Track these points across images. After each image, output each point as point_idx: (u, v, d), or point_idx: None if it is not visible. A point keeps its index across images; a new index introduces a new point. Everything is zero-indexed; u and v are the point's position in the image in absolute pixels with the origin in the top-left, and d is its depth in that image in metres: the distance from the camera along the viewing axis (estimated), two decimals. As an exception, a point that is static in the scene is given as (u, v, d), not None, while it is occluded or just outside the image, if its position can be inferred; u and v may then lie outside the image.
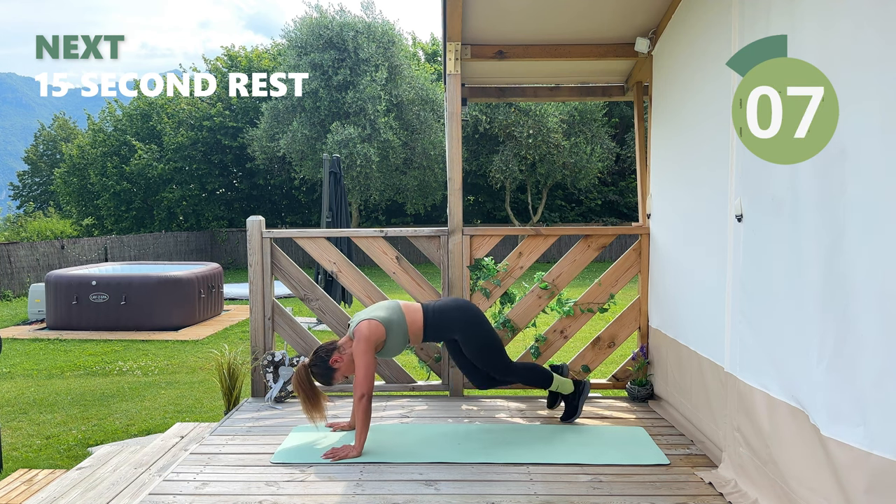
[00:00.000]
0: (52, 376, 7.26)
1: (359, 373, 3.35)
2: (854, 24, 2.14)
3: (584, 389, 3.90)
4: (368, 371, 3.36)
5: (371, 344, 3.41)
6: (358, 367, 3.37)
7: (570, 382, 3.89)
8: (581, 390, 3.89)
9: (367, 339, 3.39)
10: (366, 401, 3.33)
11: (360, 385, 3.33)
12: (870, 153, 2.08)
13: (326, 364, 3.47)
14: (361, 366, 3.36)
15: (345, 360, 3.48)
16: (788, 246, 2.55)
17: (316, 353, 3.52)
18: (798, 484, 2.48)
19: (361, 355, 3.37)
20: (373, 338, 3.42)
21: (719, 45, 3.20)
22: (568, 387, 3.88)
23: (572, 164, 20.85)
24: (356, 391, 3.34)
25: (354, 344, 3.42)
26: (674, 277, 3.99)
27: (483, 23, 4.25)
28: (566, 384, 3.88)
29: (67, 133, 36.19)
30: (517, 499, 2.85)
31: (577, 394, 3.89)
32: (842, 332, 2.19)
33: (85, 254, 17.24)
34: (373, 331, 3.43)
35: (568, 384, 3.88)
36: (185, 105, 25.30)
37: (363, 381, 3.33)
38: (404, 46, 22.33)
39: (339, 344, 3.53)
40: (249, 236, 4.43)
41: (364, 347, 3.38)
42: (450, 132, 4.33)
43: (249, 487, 2.99)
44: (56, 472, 4.05)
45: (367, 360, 3.37)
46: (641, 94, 4.90)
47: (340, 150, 18.86)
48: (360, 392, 3.32)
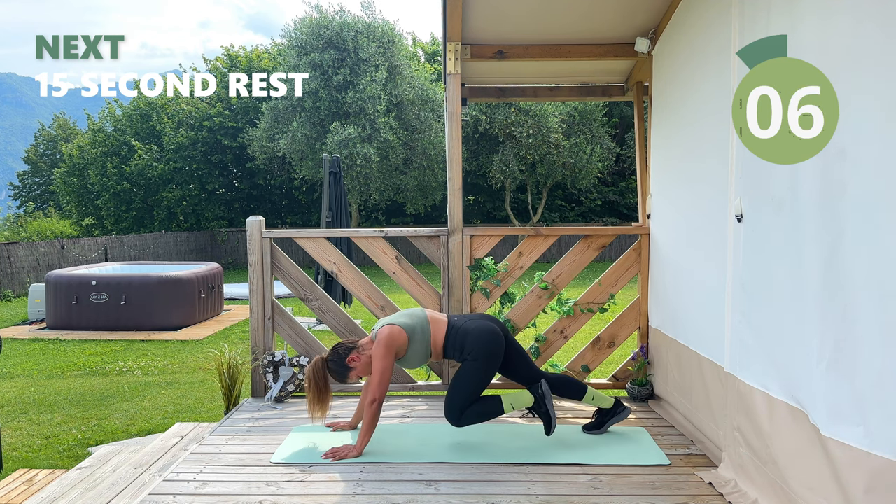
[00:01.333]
0: (52, 376, 7.26)
1: (374, 377, 3.32)
2: (854, 24, 2.14)
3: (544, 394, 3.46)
4: (384, 376, 3.31)
5: (391, 349, 3.36)
6: (374, 371, 3.33)
7: (526, 396, 3.51)
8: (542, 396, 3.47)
9: (387, 344, 3.34)
10: (376, 406, 3.30)
11: (373, 389, 3.30)
12: (870, 153, 2.08)
13: (343, 361, 3.43)
14: (378, 370, 3.32)
15: (362, 360, 3.43)
16: (788, 246, 2.55)
17: (335, 349, 3.47)
18: (798, 484, 2.48)
19: (380, 359, 3.33)
20: (394, 343, 3.36)
21: (719, 45, 3.20)
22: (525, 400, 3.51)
23: (572, 164, 20.84)
24: (368, 395, 3.32)
25: (375, 347, 3.37)
26: (674, 277, 3.99)
27: (483, 23, 4.25)
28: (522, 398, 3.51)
29: (67, 133, 36.18)
30: (517, 499, 2.85)
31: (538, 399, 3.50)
32: (842, 332, 2.19)
33: (85, 254, 17.24)
34: (395, 336, 3.37)
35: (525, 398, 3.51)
36: (185, 105, 25.29)
37: (377, 386, 3.30)
38: (404, 46, 22.32)
39: (360, 343, 3.48)
40: (249, 236, 4.43)
41: (383, 352, 3.33)
42: (450, 132, 4.33)
43: (249, 487, 2.99)
44: (56, 472, 4.05)
45: (385, 364, 3.32)
46: (641, 94, 4.90)
47: (340, 150, 18.86)
48: (372, 397, 3.29)
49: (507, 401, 3.49)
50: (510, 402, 3.49)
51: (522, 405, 3.51)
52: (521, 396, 3.52)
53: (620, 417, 3.67)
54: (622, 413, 3.67)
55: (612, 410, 3.66)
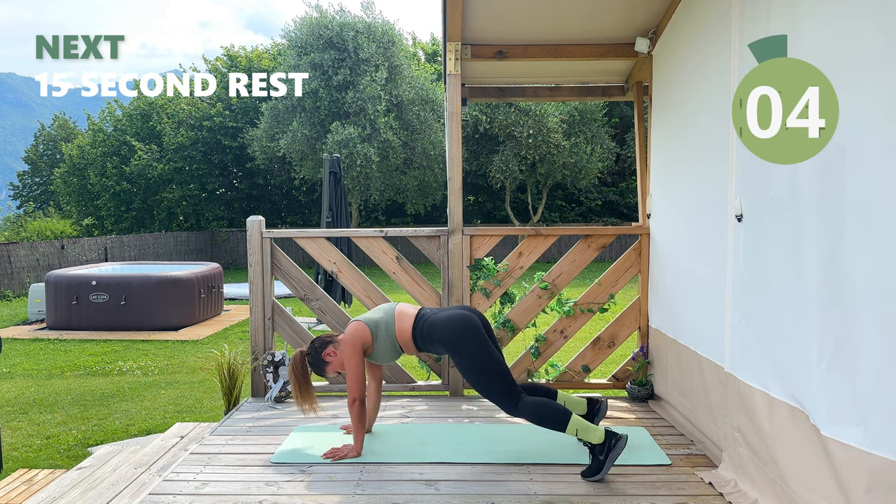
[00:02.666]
0: (52, 376, 7.26)
1: (348, 376, 3.31)
2: (854, 24, 2.14)
3: (616, 445, 2.99)
4: (357, 373, 3.30)
5: (357, 347, 3.33)
6: (347, 371, 3.33)
7: (598, 430, 3.03)
8: (613, 445, 2.99)
9: (351, 342, 3.33)
10: (358, 405, 3.30)
11: (350, 389, 3.30)
12: (870, 153, 2.08)
13: (319, 356, 3.44)
14: (349, 368, 3.31)
15: (338, 356, 3.42)
16: (788, 246, 2.55)
17: (313, 343, 3.49)
18: (798, 484, 2.48)
19: (348, 357, 3.32)
20: (357, 341, 3.34)
21: (719, 45, 3.20)
22: (595, 435, 3.02)
23: (572, 164, 20.84)
24: (348, 395, 3.32)
25: (342, 346, 3.37)
26: (674, 277, 3.99)
27: (483, 23, 4.25)
28: (592, 431, 3.02)
29: (67, 133, 36.19)
30: (517, 499, 2.85)
31: (605, 447, 3.00)
32: (842, 332, 2.19)
33: (85, 254, 17.24)
34: (358, 333, 3.35)
35: (596, 432, 3.02)
36: (185, 105, 25.28)
37: (352, 385, 3.29)
38: (404, 46, 22.32)
39: (338, 339, 3.48)
40: (249, 236, 4.43)
41: (350, 350, 3.32)
42: (450, 132, 4.33)
43: (249, 487, 2.99)
44: (56, 472, 4.05)
45: (353, 362, 3.31)
46: (641, 94, 4.90)
47: (340, 150, 18.86)
48: (352, 396, 3.30)
49: (573, 426, 3.05)
50: (576, 427, 3.04)
51: (587, 438, 3.04)
52: (590, 430, 3.04)
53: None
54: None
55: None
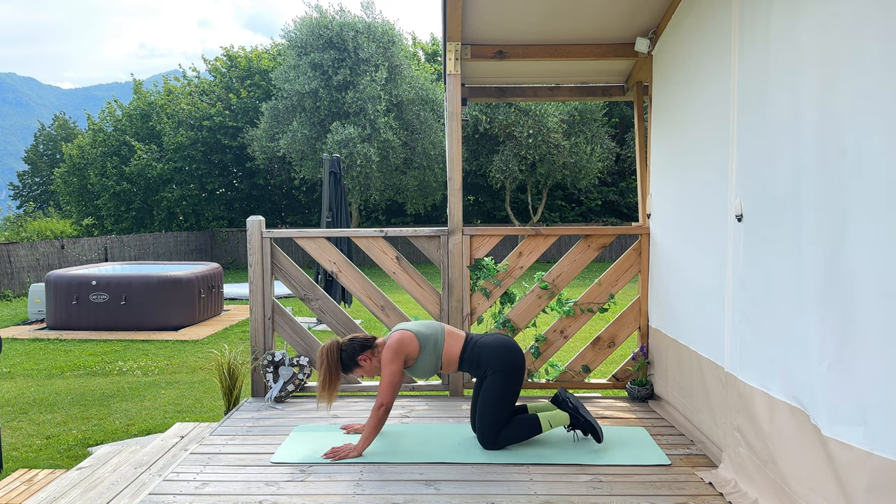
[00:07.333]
0: (52, 376, 7.25)
1: (383, 381, 3.32)
2: (854, 25, 2.14)
3: (568, 397, 3.50)
4: (393, 381, 3.32)
5: (400, 355, 3.35)
6: (383, 376, 3.33)
7: (562, 415, 3.47)
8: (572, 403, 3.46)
9: (396, 350, 3.34)
10: (383, 411, 3.31)
11: (382, 394, 3.31)
12: (870, 153, 2.08)
13: (355, 357, 3.43)
14: (386, 374, 3.32)
15: (372, 363, 3.44)
16: (788, 246, 2.55)
17: (353, 341, 3.46)
18: (798, 484, 2.48)
19: (388, 364, 3.33)
20: (403, 349, 3.36)
21: (719, 45, 3.20)
22: (562, 419, 3.47)
23: (572, 164, 20.84)
24: (377, 398, 3.33)
25: (384, 350, 3.38)
26: (674, 277, 3.99)
27: (483, 23, 4.25)
28: (560, 416, 3.46)
29: (67, 133, 36.20)
30: (517, 499, 2.85)
31: (575, 416, 3.44)
32: (842, 332, 2.19)
33: (85, 254, 17.24)
34: (406, 342, 3.37)
35: (561, 416, 3.47)
36: (184, 105, 25.28)
37: (386, 391, 3.31)
38: (404, 46, 22.31)
39: (377, 343, 3.48)
40: (249, 236, 4.43)
41: (391, 356, 3.34)
42: (450, 132, 4.33)
43: (249, 487, 2.99)
44: (56, 472, 4.05)
45: (393, 369, 3.32)
46: (641, 94, 4.90)
47: (340, 150, 18.86)
48: (381, 401, 3.31)
49: (545, 420, 3.42)
50: (548, 420, 3.42)
51: (560, 423, 3.45)
52: (557, 415, 3.45)
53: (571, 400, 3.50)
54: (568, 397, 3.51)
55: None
